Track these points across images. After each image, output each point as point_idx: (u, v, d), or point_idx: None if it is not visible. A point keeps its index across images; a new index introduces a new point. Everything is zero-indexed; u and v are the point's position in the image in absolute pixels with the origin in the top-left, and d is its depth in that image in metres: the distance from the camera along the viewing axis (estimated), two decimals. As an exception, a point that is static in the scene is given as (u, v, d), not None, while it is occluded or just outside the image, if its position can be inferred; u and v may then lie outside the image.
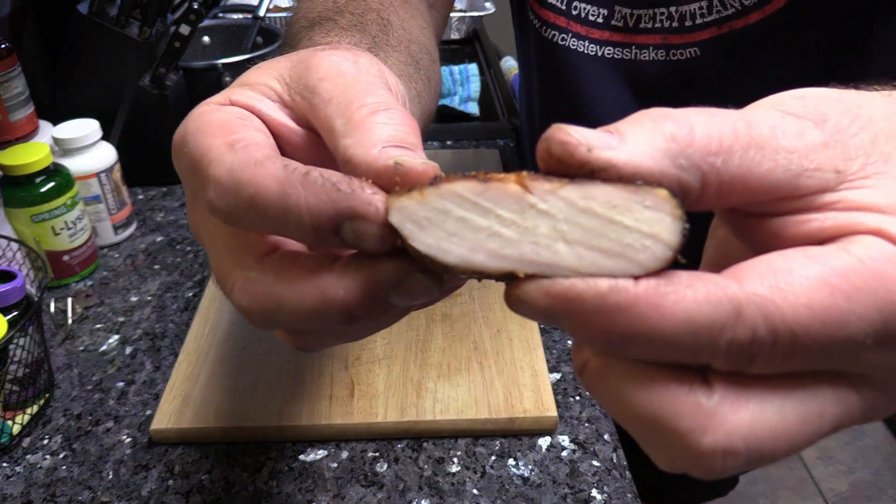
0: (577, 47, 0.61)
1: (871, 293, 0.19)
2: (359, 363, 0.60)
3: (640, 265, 0.19)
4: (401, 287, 0.24)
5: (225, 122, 0.27)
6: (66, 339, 0.67)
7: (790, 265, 0.19)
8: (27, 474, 0.54)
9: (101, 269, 0.77)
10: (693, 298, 0.19)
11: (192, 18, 0.82)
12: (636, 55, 0.58)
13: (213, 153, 0.25)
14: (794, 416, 0.20)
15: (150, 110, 0.86)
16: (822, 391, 0.20)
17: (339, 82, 0.28)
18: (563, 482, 0.52)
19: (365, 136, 0.25)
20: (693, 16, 0.55)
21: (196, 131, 0.27)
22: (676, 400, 0.20)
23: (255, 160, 0.24)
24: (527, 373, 0.59)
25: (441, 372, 0.59)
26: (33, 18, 1.01)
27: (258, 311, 0.26)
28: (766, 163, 0.20)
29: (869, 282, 0.19)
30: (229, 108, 0.28)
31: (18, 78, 0.79)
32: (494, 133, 1.02)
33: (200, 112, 0.28)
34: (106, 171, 0.77)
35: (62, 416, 0.59)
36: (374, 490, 0.52)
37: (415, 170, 0.23)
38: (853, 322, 0.19)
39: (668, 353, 0.19)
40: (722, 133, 0.20)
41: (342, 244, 0.23)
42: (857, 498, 1.69)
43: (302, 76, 0.29)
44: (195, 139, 0.26)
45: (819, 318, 0.18)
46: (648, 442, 0.21)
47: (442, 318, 0.65)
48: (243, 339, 0.63)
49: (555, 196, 0.20)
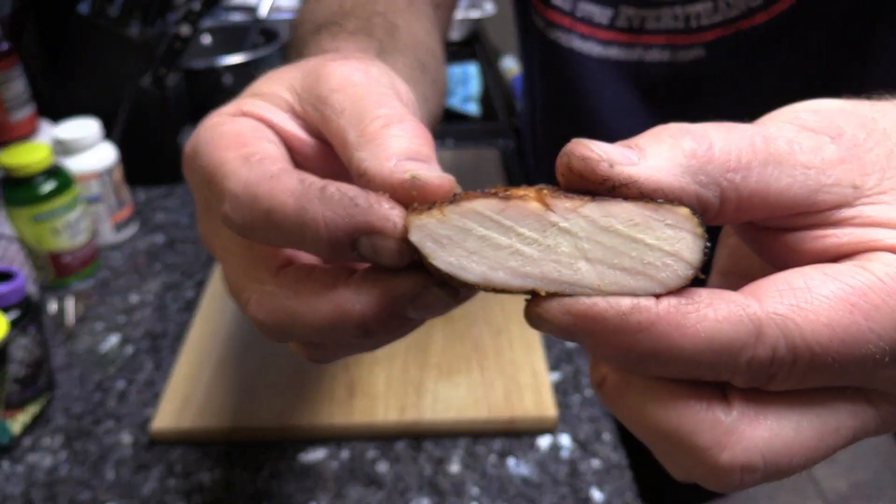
0: (581, 49, 0.60)
1: (890, 311, 0.19)
2: (359, 363, 0.60)
3: (661, 283, 0.19)
4: (418, 301, 0.23)
5: (238, 133, 0.27)
6: (67, 339, 0.67)
7: (809, 283, 0.19)
8: (27, 474, 0.54)
9: (102, 269, 0.77)
10: (714, 318, 0.19)
11: (192, 18, 0.82)
12: (641, 56, 0.58)
13: (228, 166, 0.25)
14: (810, 432, 0.20)
15: (150, 110, 0.86)
16: (839, 406, 0.20)
17: (351, 93, 0.27)
18: (563, 482, 0.52)
19: (379, 150, 0.24)
20: (699, 17, 0.54)
21: (208, 143, 0.26)
22: (696, 416, 0.20)
23: (270, 174, 0.24)
24: (527, 373, 0.59)
25: (441, 372, 0.59)
26: (33, 18, 1.01)
27: (273, 324, 0.26)
28: (784, 179, 0.20)
29: (888, 300, 0.19)
30: (241, 120, 0.28)
31: (18, 78, 0.79)
32: (494, 133, 1.02)
33: (212, 123, 0.28)
34: (106, 171, 0.77)
35: (62, 416, 0.59)
36: (374, 490, 0.52)
37: (431, 183, 0.23)
38: (872, 340, 0.19)
39: (688, 371, 0.20)
40: (741, 149, 0.20)
41: (359, 258, 0.23)
42: (857, 498, 1.69)
43: (313, 87, 0.28)
44: (208, 152, 0.26)
45: (839, 338, 0.19)
46: (666, 455, 0.21)
47: (442, 318, 0.65)
48: (244, 339, 0.63)
49: (576, 214, 0.20)
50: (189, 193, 0.90)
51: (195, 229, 0.83)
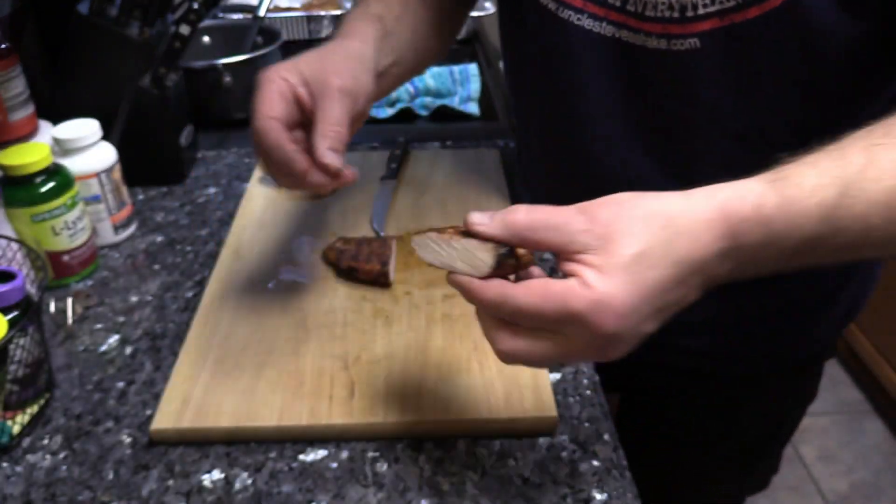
0: (592, 28, 0.60)
1: (561, 300, 0.39)
2: (359, 363, 0.60)
3: (480, 272, 0.42)
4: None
5: (270, 93, 0.55)
6: (66, 339, 0.67)
7: (544, 283, 0.40)
8: (27, 474, 0.54)
9: (101, 269, 0.77)
10: (491, 290, 0.41)
11: (192, 18, 0.82)
12: (644, 42, 0.58)
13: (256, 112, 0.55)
14: (536, 347, 0.41)
15: (150, 110, 0.86)
16: (546, 337, 0.41)
17: (328, 104, 0.54)
18: (563, 482, 0.52)
19: (321, 142, 0.53)
20: (695, 6, 0.54)
21: (258, 94, 0.55)
22: (491, 331, 0.43)
23: (270, 128, 0.54)
24: (527, 373, 0.59)
25: (441, 372, 0.59)
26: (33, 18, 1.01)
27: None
28: (553, 237, 0.40)
29: (560, 294, 0.39)
30: (278, 82, 0.56)
31: (18, 78, 0.79)
32: (494, 133, 1.02)
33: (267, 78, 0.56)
34: (106, 171, 0.77)
35: (62, 416, 0.59)
36: (374, 490, 0.52)
37: (331, 165, 0.53)
38: (549, 313, 0.39)
39: (489, 311, 0.42)
40: (536, 220, 0.41)
41: None
42: (857, 498, 1.69)
43: (319, 87, 0.55)
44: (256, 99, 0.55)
45: (536, 307, 0.39)
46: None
47: (442, 318, 0.65)
48: (243, 339, 0.63)
49: (457, 240, 0.43)
50: (187, 193, 0.90)
51: (194, 229, 0.83)
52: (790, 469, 1.75)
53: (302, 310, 0.66)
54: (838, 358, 2.04)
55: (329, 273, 0.71)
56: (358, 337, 0.63)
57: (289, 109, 0.54)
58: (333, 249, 0.72)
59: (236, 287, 0.69)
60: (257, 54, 1.07)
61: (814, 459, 1.78)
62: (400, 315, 0.66)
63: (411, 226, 0.79)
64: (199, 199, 0.89)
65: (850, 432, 1.84)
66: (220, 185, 0.91)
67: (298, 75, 0.55)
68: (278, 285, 0.70)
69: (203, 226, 0.83)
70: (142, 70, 0.84)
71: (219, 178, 0.93)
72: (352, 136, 0.57)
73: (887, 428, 1.85)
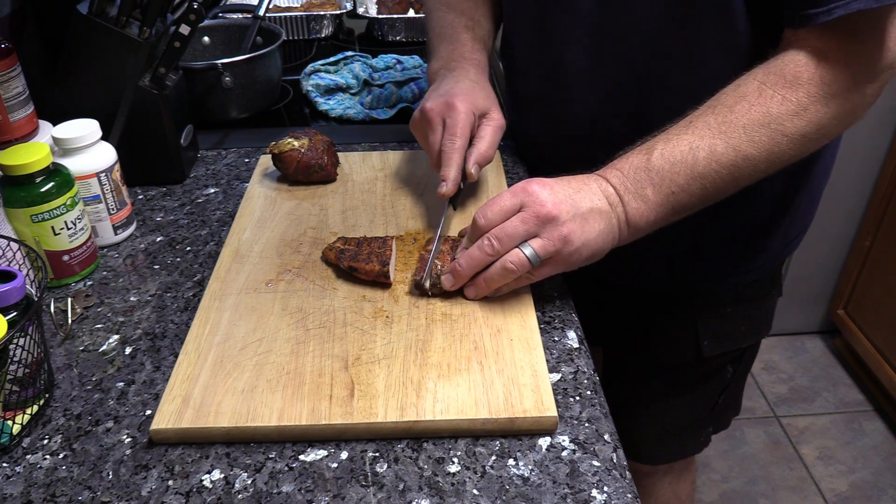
0: None
1: (518, 184, 0.65)
2: (359, 363, 0.60)
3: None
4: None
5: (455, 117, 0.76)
6: (66, 339, 0.67)
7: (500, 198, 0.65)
8: (27, 474, 0.54)
9: (101, 269, 0.77)
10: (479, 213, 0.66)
11: (192, 18, 0.82)
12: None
13: (446, 122, 0.76)
14: (511, 222, 0.63)
15: (150, 110, 0.86)
16: (515, 217, 0.63)
17: (486, 133, 0.78)
18: (563, 482, 0.52)
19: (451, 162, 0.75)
20: None
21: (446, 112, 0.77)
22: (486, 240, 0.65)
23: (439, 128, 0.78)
24: (527, 373, 0.59)
25: (441, 372, 0.59)
26: (33, 18, 1.01)
27: None
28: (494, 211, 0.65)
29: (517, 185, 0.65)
30: (458, 105, 0.76)
31: (18, 78, 0.79)
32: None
33: (449, 102, 0.76)
34: (106, 171, 0.77)
35: (62, 416, 0.59)
36: (374, 490, 0.52)
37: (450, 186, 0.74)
38: (512, 190, 0.65)
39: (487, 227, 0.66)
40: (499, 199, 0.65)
41: None
42: (857, 498, 1.69)
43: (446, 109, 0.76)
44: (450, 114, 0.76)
45: (503, 193, 0.65)
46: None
47: (442, 318, 0.65)
48: (243, 339, 0.63)
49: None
50: (187, 193, 0.90)
51: (194, 229, 0.83)
52: (790, 469, 1.75)
53: (302, 310, 0.66)
54: (838, 358, 2.04)
55: (329, 273, 0.72)
56: (358, 337, 0.63)
57: (468, 132, 0.76)
58: (333, 249, 0.72)
59: (236, 287, 0.69)
60: (257, 54, 1.07)
61: (814, 459, 1.78)
62: (400, 315, 0.66)
63: (411, 225, 0.79)
64: (199, 199, 0.89)
65: (850, 432, 1.84)
66: (219, 185, 0.91)
67: (474, 107, 0.76)
68: (278, 285, 0.70)
69: (203, 226, 0.84)
70: (142, 70, 0.84)
71: (218, 178, 0.93)
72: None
73: (887, 428, 1.85)
